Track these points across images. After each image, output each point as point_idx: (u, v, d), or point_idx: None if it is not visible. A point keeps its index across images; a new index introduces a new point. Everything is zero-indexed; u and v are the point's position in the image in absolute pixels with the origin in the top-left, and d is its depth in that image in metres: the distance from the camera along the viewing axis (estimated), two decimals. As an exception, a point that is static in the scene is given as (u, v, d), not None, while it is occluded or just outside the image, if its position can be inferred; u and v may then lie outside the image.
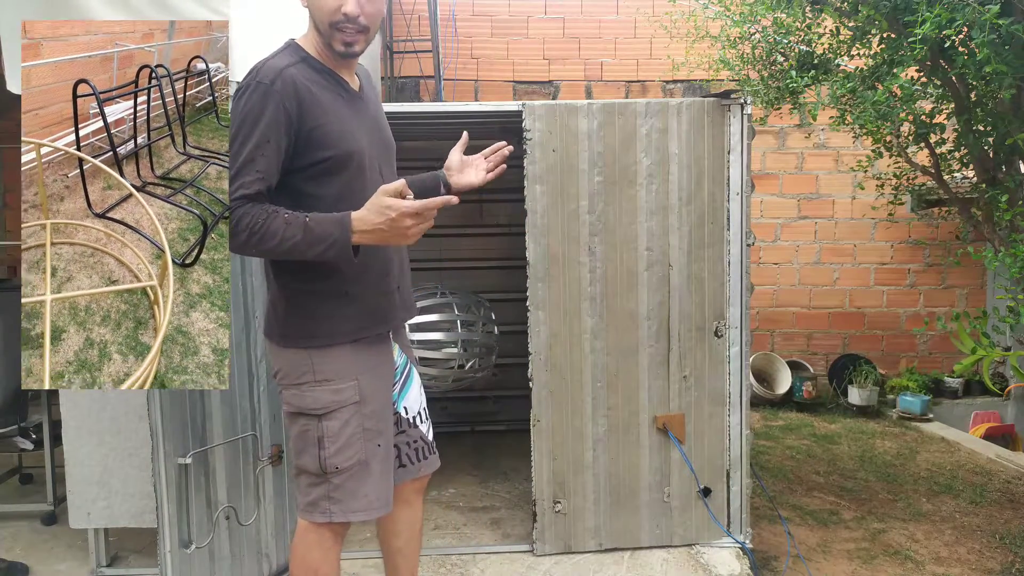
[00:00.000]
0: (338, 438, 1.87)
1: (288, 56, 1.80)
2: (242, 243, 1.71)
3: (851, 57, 3.73)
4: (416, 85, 6.01)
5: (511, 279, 4.46)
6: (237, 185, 1.70)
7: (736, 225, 2.96)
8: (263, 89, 1.71)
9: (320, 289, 1.86)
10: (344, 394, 1.86)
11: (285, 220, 1.70)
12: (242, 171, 1.70)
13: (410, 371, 2.14)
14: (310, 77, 1.79)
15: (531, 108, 2.89)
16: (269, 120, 1.71)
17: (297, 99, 1.74)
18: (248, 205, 1.70)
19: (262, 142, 1.70)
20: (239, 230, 1.69)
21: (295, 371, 1.88)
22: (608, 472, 3.00)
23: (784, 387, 5.82)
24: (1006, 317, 3.03)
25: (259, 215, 1.69)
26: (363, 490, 1.90)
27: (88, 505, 2.87)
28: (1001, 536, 3.42)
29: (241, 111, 1.73)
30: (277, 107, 1.71)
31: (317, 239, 1.70)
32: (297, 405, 1.88)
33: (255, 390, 2.69)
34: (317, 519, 1.90)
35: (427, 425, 2.18)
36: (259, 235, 1.69)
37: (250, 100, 1.72)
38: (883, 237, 6.21)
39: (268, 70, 1.74)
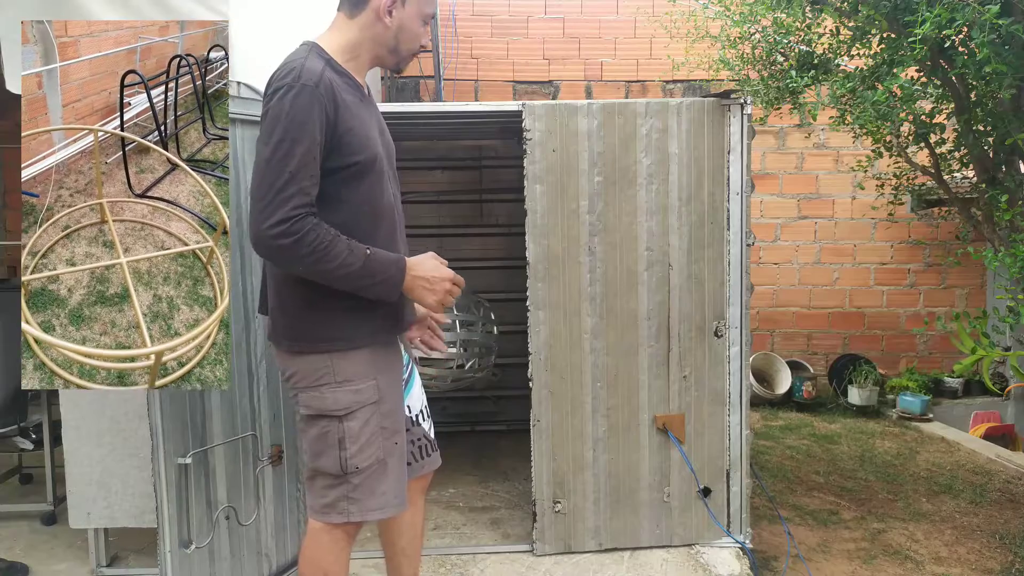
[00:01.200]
0: (359, 438, 1.86)
1: (318, 58, 1.80)
2: (301, 256, 1.68)
3: (851, 57, 3.73)
4: (416, 85, 6.01)
5: (511, 279, 4.46)
6: (295, 190, 1.66)
7: (736, 225, 2.96)
8: (309, 91, 1.70)
9: (342, 297, 1.83)
10: (364, 394, 1.86)
11: (348, 246, 1.71)
12: (298, 175, 1.67)
13: (412, 370, 2.16)
14: (336, 81, 1.80)
15: (531, 108, 2.89)
16: (316, 123, 1.70)
17: (335, 103, 1.74)
18: (313, 219, 1.68)
19: (312, 146, 1.69)
20: (304, 243, 1.66)
21: (313, 373, 1.86)
22: (608, 472, 3.00)
23: (784, 387, 5.82)
24: (1006, 317, 3.03)
25: (325, 235, 1.68)
26: (381, 488, 1.90)
27: (88, 505, 2.87)
28: (1001, 536, 3.42)
29: (288, 112, 1.69)
30: (321, 110, 1.71)
31: (372, 273, 1.74)
32: (317, 407, 1.86)
33: (255, 390, 2.69)
34: (334, 520, 1.89)
35: (429, 423, 2.19)
36: (320, 254, 1.68)
37: (296, 101, 1.69)
38: (883, 237, 6.21)
39: (309, 73, 1.73)
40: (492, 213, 4.88)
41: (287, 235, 1.65)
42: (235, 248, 2.59)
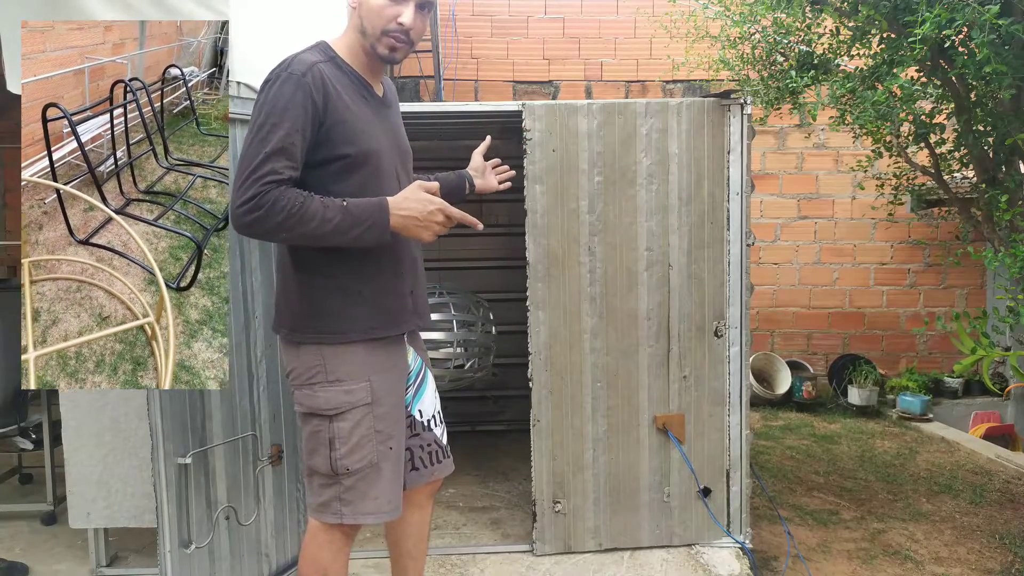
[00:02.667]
0: (349, 439, 1.87)
1: (318, 53, 1.84)
2: (276, 224, 1.70)
3: (851, 57, 3.73)
4: (416, 85, 6.01)
5: (511, 279, 4.46)
6: (268, 170, 1.69)
7: (736, 225, 2.96)
8: (295, 80, 1.74)
9: (334, 284, 1.87)
10: (356, 395, 1.87)
11: (322, 203, 1.73)
12: (273, 157, 1.70)
13: (424, 374, 2.14)
14: (336, 76, 1.83)
15: (531, 108, 2.89)
16: (300, 109, 1.73)
17: (324, 93, 1.77)
18: (282, 187, 1.70)
19: (292, 131, 1.72)
20: (275, 211, 1.68)
21: (307, 371, 1.88)
22: (608, 472, 3.00)
23: (784, 387, 5.82)
24: (1006, 317, 3.03)
25: (295, 197, 1.70)
26: (374, 492, 1.90)
27: (88, 505, 2.87)
28: (1001, 536, 3.42)
29: (271, 99, 1.74)
30: (307, 98, 1.74)
31: (356, 220, 1.74)
32: (309, 405, 1.89)
33: (255, 390, 2.69)
34: (328, 520, 1.91)
35: (441, 429, 2.18)
36: (297, 216, 1.69)
37: (282, 89, 1.74)
38: (883, 237, 6.21)
39: (299, 63, 1.77)
40: (492, 213, 4.87)
41: (256, 208, 1.68)
42: (234, 249, 2.59)
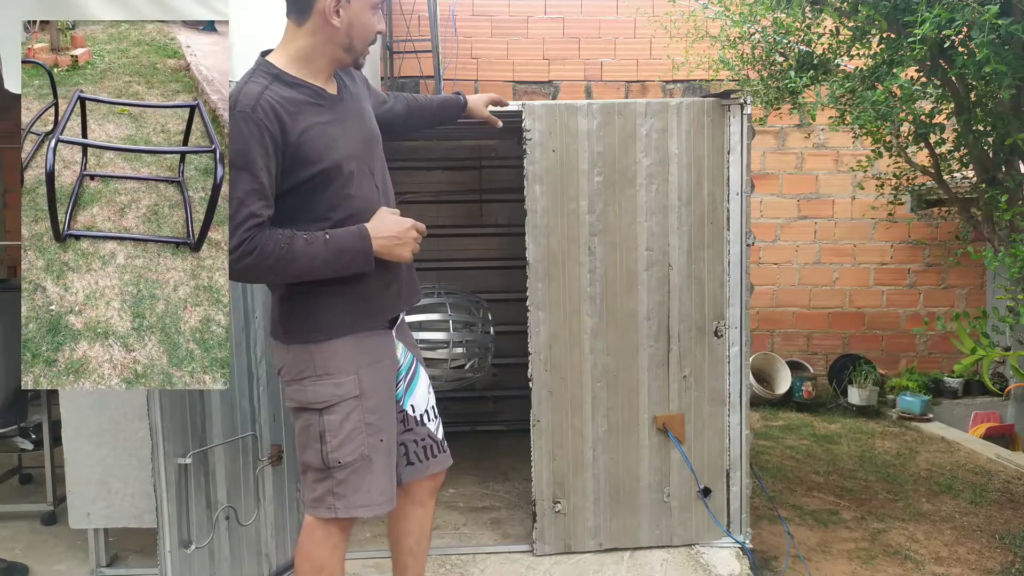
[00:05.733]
0: (339, 432, 1.89)
1: (261, 78, 1.81)
2: (267, 269, 1.76)
3: (851, 57, 3.73)
4: (416, 85, 6.01)
5: (511, 279, 4.46)
6: (246, 215, 1.72)
7: (736, 225, 2.96)
8: (243, 117, 1.74)
9: (317, 284, 1.89)
10: (344, 388, 1.89)
11: (305, 240, 1.78)
12: (246, 201, 1.73)
13: (416, 369, 2.15)
14: (285, 95, 1.81)
15: (531, 108, 2.89)
16: (257, 146, 1.74)
17: (278, 121, 1.77)
18: (266, 232, 1.74)
19: (257, 170, 1.74)
20: (264, 256, 1.73)
21: (296, 366, 1.92)
22: (608, 472, 3.00)
23: (784, 387, 5.82)
24: (1006, 317, 3.03)
25: (280, 240, 1.75)
26: (366, 485, 1.92)
27: (88, 505, 2.87)
28: (1001, 536, 3.42)
29: (230, 143, 1.76)
30: (262, 132, 1.74)
31: (340, 251, 1.81)
32: (299, 400, 1.92)
33: (255, 390, 2.69)
34: (322, 514, 1.93)
35: (436, 423, 2.19)
36: (283, 259, 1.75)
37: (235, 130, 1.74)
38: (883, 237, 6.21)
39: (245, 97, 1.76)
40: (492, 213, 4.88)
41: (245, 255, 1.73)
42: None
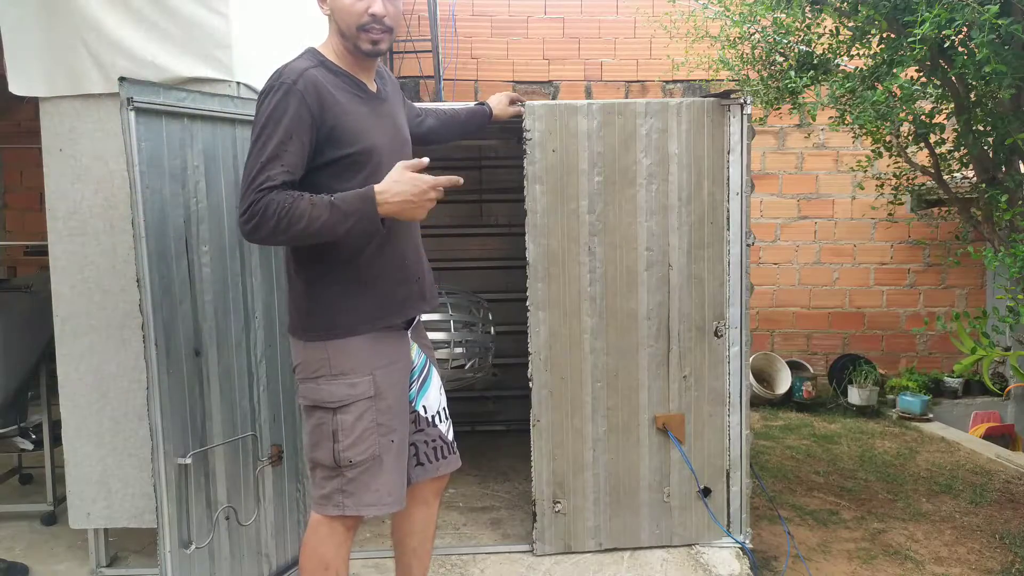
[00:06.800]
0: (352, 431, 1.91)
1: (308, 60, 1.89)
2: (271, 229, 1.75)
3: (851, 57, 3.73)
4: (416, 85, 6.01)
5: (511, 279, 4.46)
6: (264, 178, 1.75)
7: (736, 225, 2.96)
8: (286, 88, 1.79)
9: (338, 280, 1.91)
10: (359, 388, 1.91)
11: (310, 202, 1.77)
12: (267, 165, 1.76)
13: (429, 370, 2.17)
14: (328, 79, 1.88)
15: (531, 108, 2.89)
16: (293, 117, 1.78)
17: (319, 98, 1.82)
18: (273, 193, 1.75)
19: (286, 138, 1.77)
20: (268, 216, 1.73)
21: (312, 365, 1.93)
22: (608, 472, 3.00)
23: (784, 387, 5.82)
24: (1006, 317, 3.03)
25: (284, 200, 1.75)
26: (375, 485, 1.94)
27: (88, 505, 2.87)
28: (1001, 536, 3.42)
29: (266, 111, 1.79)
30: (300, 105, 1.79)
31: (344, 215, 1.78)
32: (313, 398, 1.93)
33: (255, 390, 2.69)
34: (330, 512, 1.94)
35: (447, 425, 2.22)
36: (287, 219, 1.74)
37: (274, 99, 1.79)
38: (883, 237, 6.21)
39: (290, 71, 1.83)
40: (492, 213, 4.88)
41: (253, 216, 1.74)
42: (234, 249, 2.60)
